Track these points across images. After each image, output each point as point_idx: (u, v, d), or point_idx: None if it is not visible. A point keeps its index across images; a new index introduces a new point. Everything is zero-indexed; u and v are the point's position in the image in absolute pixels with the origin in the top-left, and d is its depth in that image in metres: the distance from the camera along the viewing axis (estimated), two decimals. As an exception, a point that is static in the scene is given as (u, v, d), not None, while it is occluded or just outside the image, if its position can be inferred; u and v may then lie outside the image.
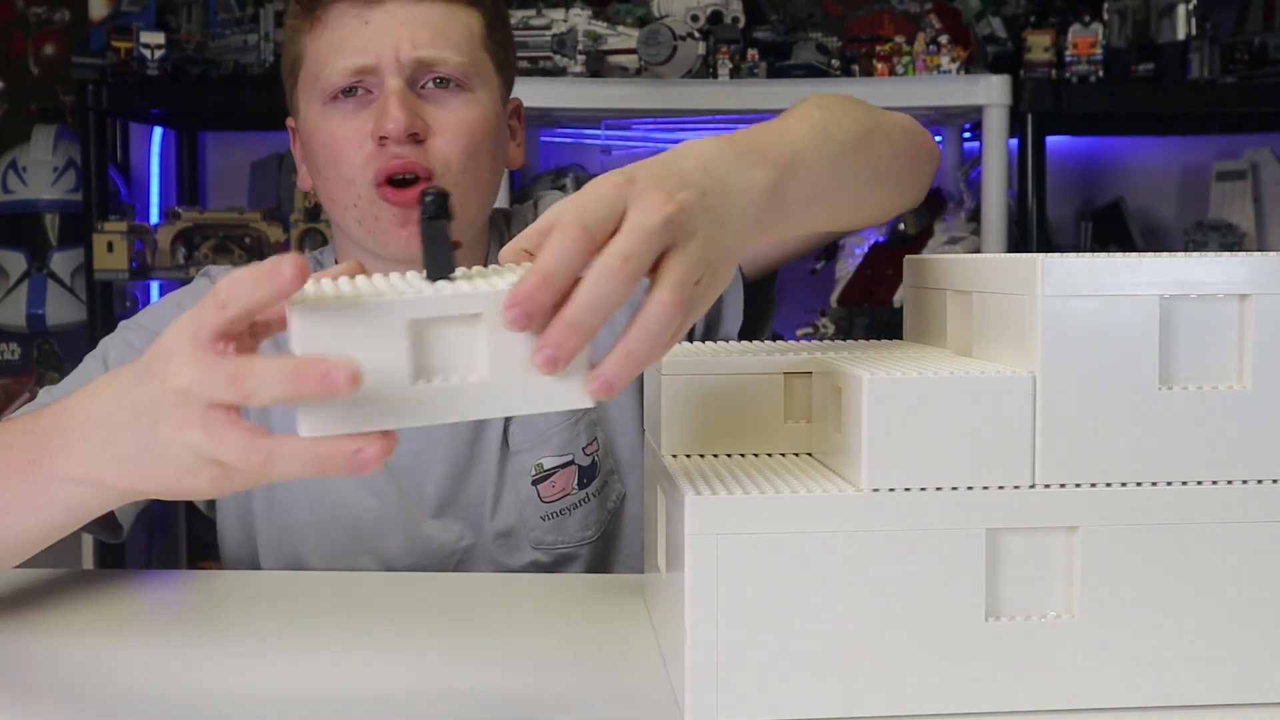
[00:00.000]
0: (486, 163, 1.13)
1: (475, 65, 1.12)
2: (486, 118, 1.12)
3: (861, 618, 0.70)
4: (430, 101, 1.10)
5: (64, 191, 2.75)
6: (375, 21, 1.09)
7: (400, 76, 1.08)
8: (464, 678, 0.81)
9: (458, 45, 1.10)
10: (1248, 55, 2.40)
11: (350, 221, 1.12)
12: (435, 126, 1.09)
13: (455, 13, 1.11)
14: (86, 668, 0.83)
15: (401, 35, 1.08)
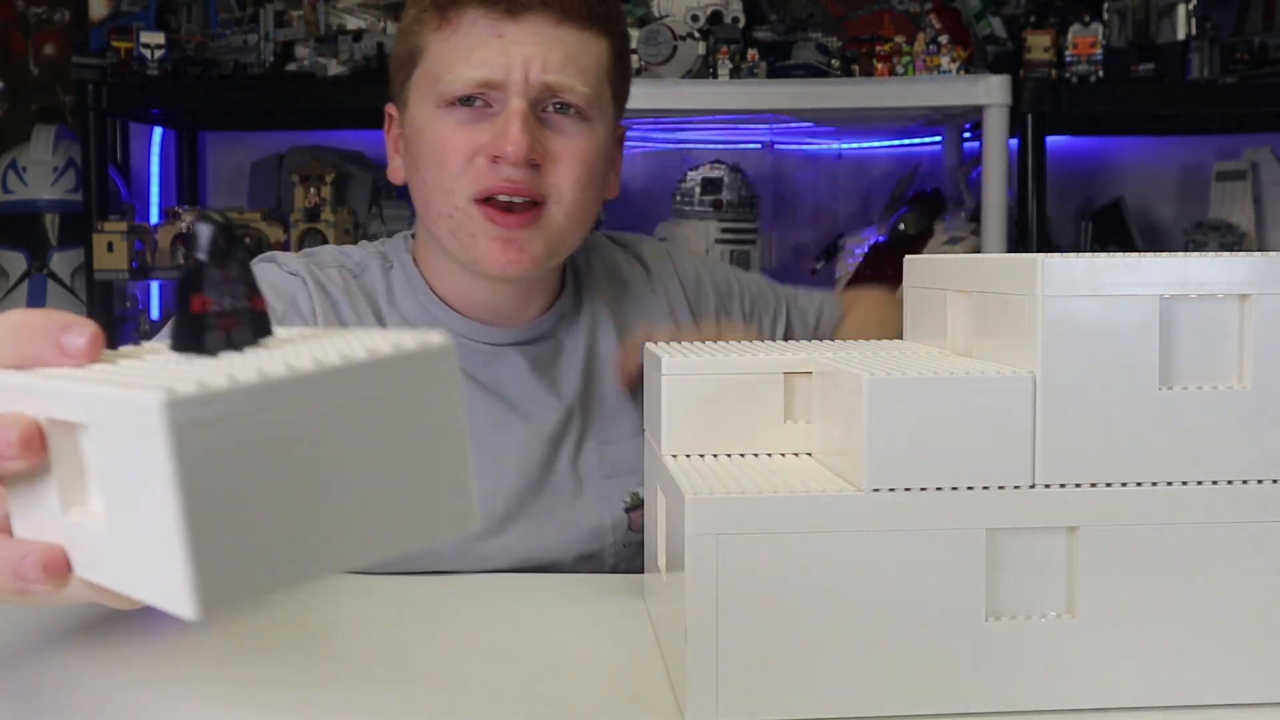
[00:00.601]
0: (595, 192, 1.12)
1: (598, 96, 1.10)
2: (600, 149, 1.11)
3: (862, 618, 0.70)
4: (550, 127, 1.08)
5: (64, 191, 2.75)
6: (509, 36, 1.06)
7: (525, 97, 1.06)
8: (464, 678, 0.81)
9: (586, 74, 1.08)
10: (1248, 55, 2.40)
11: (443, 230, 1.10)
12: (552, 153, 1.07)
13: (588, 40, 1.09)
14: (86, 667, 0.83)
15: (533, 55, 1.06)
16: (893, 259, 2.41)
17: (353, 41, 2.49)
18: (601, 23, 1.09)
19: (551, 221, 1.08)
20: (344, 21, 2.56)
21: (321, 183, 2.54)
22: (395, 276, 1.17)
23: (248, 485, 0.39)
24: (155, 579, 0.40)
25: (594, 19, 1.08)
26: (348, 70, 2.48)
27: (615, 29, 1.12)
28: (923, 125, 2.60)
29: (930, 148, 2.71)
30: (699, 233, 2.43)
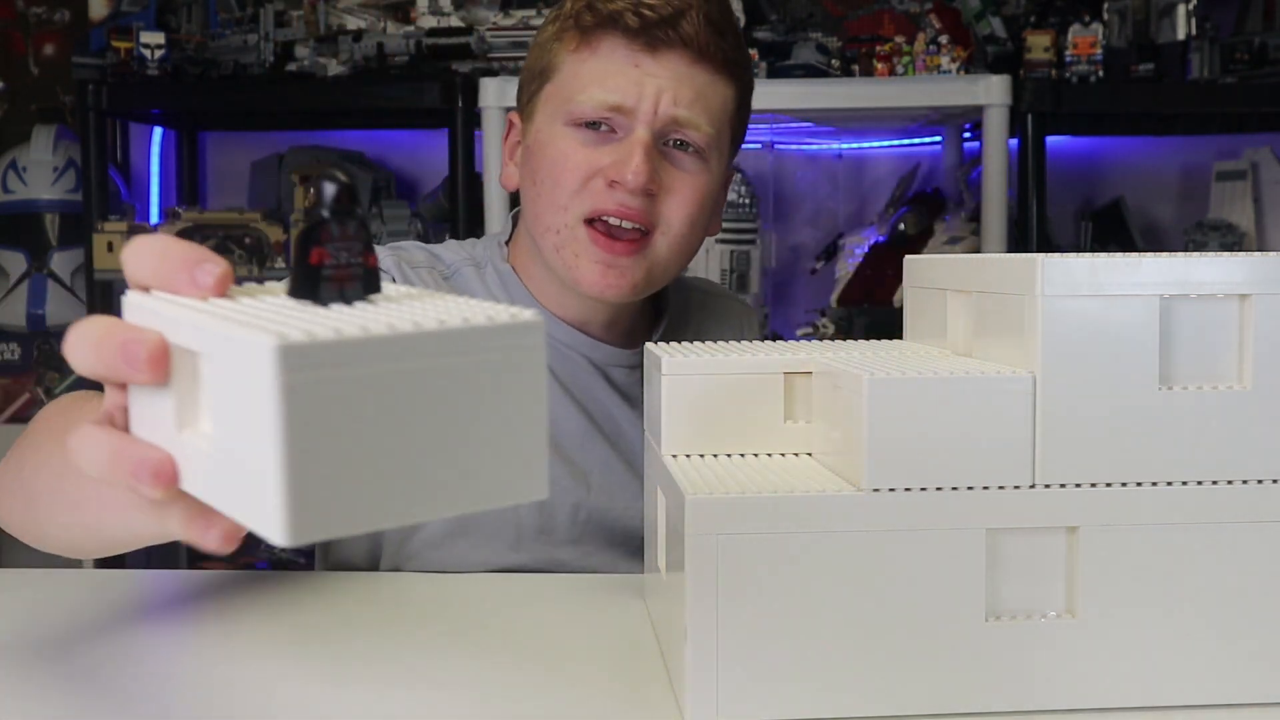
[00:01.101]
0: (701, 229, 1.15)
1: (718, 137, 1.12)
2: (713, 189, 1.14)
3: (861, 618, 0.70)
4: (669, 160, 1.10)
5: (64, 191, 2.75)
6: (644, 67, 1.08)
7: (650, 128, 1.08)
8: (464, 677, 0.81)
9: (712, 114, 1.11)
10: (1248, 55, 2.40)
11: (548, 245, 1.11)
12: (668, 186, 1.10)
13: (718, 82, 1.11)
14: (86, 668, 0.83)
15: (665, 89, 1.08)
16: (893, 259, 2.41)
17: (353, 41, 2.49)
18: (733, 68, 1.12)
19: (656, 251, 1.11)
20: (344, 21, 2.56)
21: (321, 182, 2.54)
22: (490, 281, 1.19)
23: (342, 429, 0.43)
24: (253, 504, 0.44)
25: (726, 63, 1.11)
26: (348, 70, 2.48)
27: (744, 76, 1.16)
28: (923, 125, 2.59)
29: (930, 148, 2.71)
30: (699, 233, 2.43)
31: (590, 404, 1.18)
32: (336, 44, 2.50)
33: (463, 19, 2.51)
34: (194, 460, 0.48)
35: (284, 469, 0.42)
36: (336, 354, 0.42)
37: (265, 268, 2.50)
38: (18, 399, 2.88)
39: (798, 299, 2.67)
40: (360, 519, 0.44)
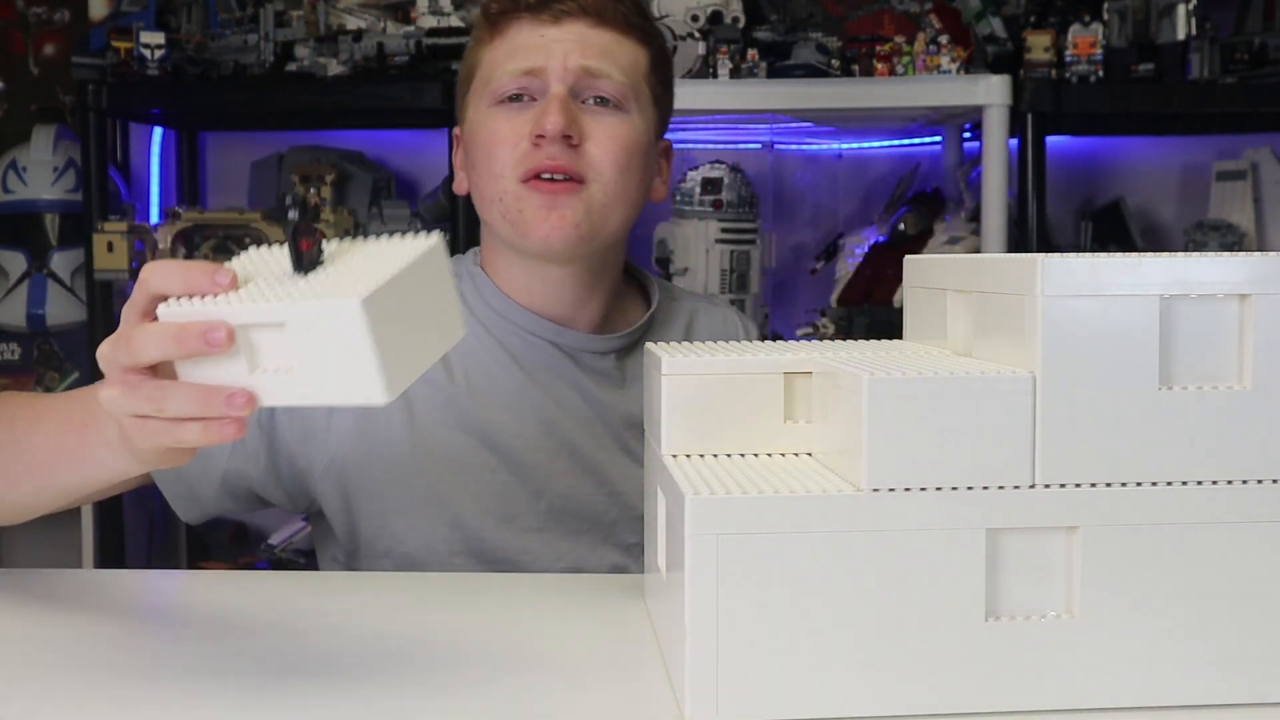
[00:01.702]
0: (635, 179, 1.18)
1: (635, 90, 1.18)
2: (640, 140, 1.18)
3: (862, 618, 0.70)
4: (589, 114, 1.16)
5: (64, 191, 2.75)
6: (550, 35, 1.16)
7: (564, 83, 1.15)
8: (464, 677, 0.81)
9: (623, 68, 1.17)
10: (1248, 55, 2.40)
11: (495, 215, 1.17)
12: (590, 134, 1.15)
13: (625, 42, 1.19)
14: (86, 667, 0.83)
15: (572, 49, 1.16)
16: (893, 259, 2.41)
17: (353, 41, 2.49)
18: (638, 31, 1.20)
19: (591, 197, 1.15)
20: (344, 21, 2.56)
21: (321, 183, 2.54)
22: (465, 287, 1.23)
23: (390, 325, 0.71)
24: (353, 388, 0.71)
25: (630, 26, 1.19)
26: (348, 70, 2.48)
27: (653, 41, 1.22)
28: (923, 125, 2.59)
29: (930, 148, 2.71)
30: (699, 233, 2.42)
31: (557, 390, 1.19)
32: (336, 44, 2.50)
33: (463, 19, 2.51)
34: (273, 384, 0.72)
35: (377, 359, 0.70)
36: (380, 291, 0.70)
37: (265, 268, 2.50)
38: (18, 399, 2.88)
39: (798, 299, 2.67)
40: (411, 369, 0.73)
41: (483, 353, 1.19)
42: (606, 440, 1.20)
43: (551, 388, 1.19)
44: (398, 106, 2.44)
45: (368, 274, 0.72)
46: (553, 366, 1.20)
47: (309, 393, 0.73)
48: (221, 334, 0.71)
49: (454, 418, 1.16)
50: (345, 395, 0.72)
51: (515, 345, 1.20)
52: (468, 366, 1.19)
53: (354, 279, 0.71)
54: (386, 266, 0.72)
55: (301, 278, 0.74)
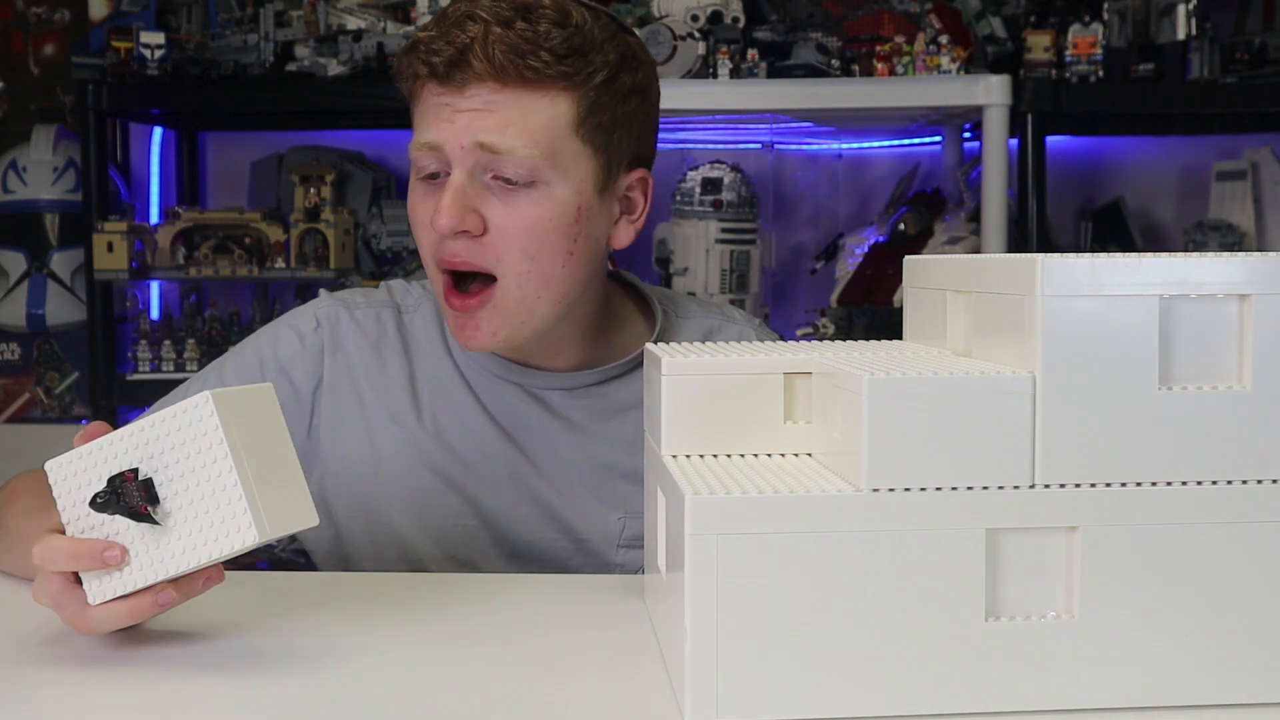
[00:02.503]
0: (556, 257, 1.07)
1: (554, 155, 1.06)
2: (557, 213, 1.06)
3: (861, 618, 0.70)
4: (495, 194, 1.06)
5: (64, 191, 2.75)
6: (453, 104, 1.06)
7: (463, 166, 1.06)
8: (464, 677, 0.81)
9: (534, 135, 1.05)
10: (1248, 55, 2.40)
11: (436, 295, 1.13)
12: (494, 223, 1.06)
13: (538, 100, 1.05)
14: (85, 667, 0.83)
15: (472, 122, 1.05)
16: (893, 259, 2.41)
17: (353, 41, 2.49)
18: (558, 81, 1.05)
19: (505, 296, 1.07)
20: (344, 21, 2.56)
21: (321, 183, 2.54)
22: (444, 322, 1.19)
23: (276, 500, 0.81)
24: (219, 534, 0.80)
25: (544, 80, 1.05)
26: (348, 70, 2.48)
27: (586, 83, 1.06)
28: (923, 125, 2.59)
29: (930, 148, 2.71)
30: (699, 233, 2.43)
31: (521, 436, 1.16)
32: (336, 44, 2.50)
33: (463, 19, 2.51)
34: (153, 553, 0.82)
35: None
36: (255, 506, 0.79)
37: (265, 267, 2.50)
38: (18, 399, 2.88)
39: (798, 299, 2.67)
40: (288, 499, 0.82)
41: (452, 393, 1.16)
42: (574, 485, 1.15)
43: (516, 433, 1.15)
44: (398, 106, 2.42)
45: (220, 493, 0.79)
46: (518, 410, 1.16)
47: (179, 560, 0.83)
48: (115, 552, 0.81)
49: (419, 460, 1.14)
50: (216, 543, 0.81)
51: (482, 388, 1.16)
52: (436, 407, 1.16)
53: (216, 506, 0.79)
54: (219, 470, 0.79)
55: (164, 519, 0.81)
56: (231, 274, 2.50)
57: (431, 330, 1.19)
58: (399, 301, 1.21)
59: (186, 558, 0.80)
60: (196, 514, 0.80)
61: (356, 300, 1.21)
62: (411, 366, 1.17)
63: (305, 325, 1.19)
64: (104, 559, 0.81)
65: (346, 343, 1.17)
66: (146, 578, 0.81)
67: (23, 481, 1.09)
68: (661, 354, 0.84)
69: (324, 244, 2.50)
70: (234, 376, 1.17)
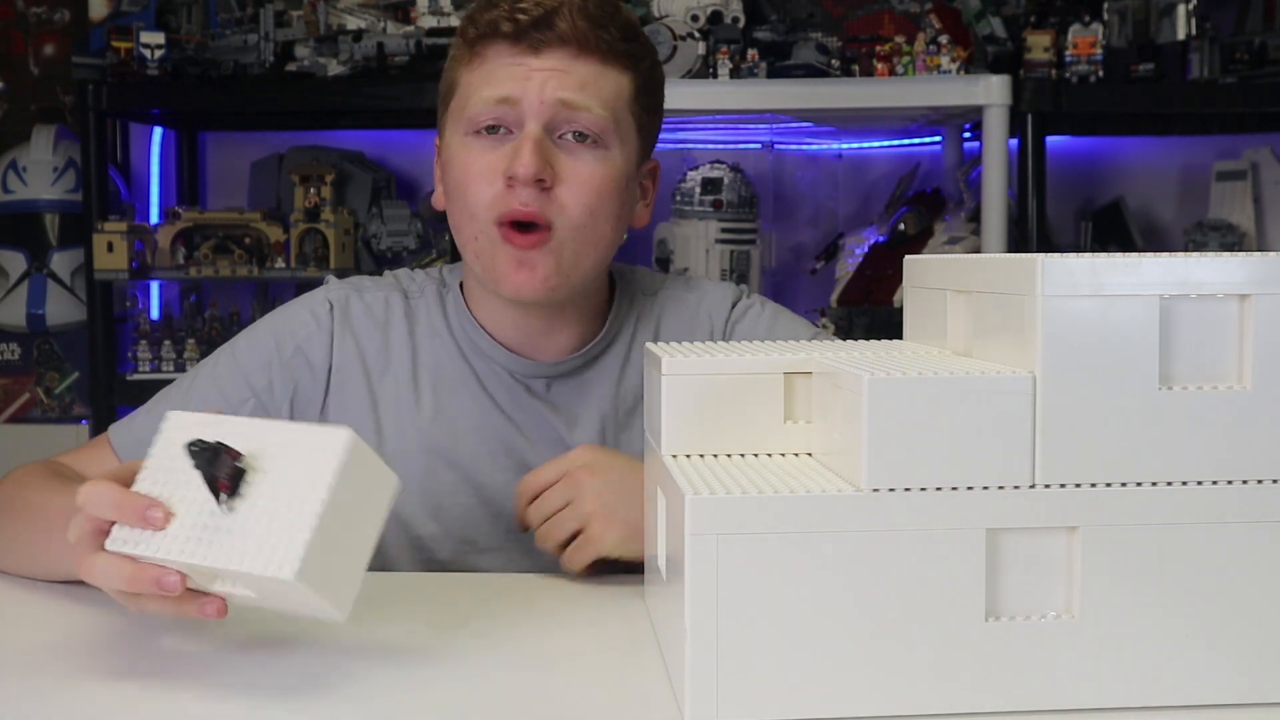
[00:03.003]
0: (609, 219, 1.14)
1: (616, 123, 1.13)
2: (616, 176, 1.14)
3: (861, 618, 0.70)
4: (564, 151, 1.12)
5: (64, 191, 2.75)
6: (529, 64, 1.11)
7: (540, 120, 1.10)
8: (464, 678, 0.81)
9: (604, 100, 1.12)
10: (1248, 55, 2.40)
11: (470, 254, 1.14)
12: (563, 176, 1.11)
13: (608, 71, 1.13)
14: (86, 666, 0.83)
15: (550, 80, 1.10)
16: (893, 259, 2.41)
17: (353, 41, 2.49)
18: (622, 58, 1.13)
19: (560, 244, 1.11)
20: (344, 21, 2.56)
21: (321, 183, 2.54)
22: (449, 301, 1.22)
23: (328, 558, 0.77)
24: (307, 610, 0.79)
25: (613, 54, 1.13)
26: (348, 70, 2.48)
27: (639, 65, 1.16)
28: (923, 125, 2.59)
29: (930, 148, 2.71)
30: (699, 233, 2.43)
31: (518, 415, 1.19)
32: (336, 44, 2.50)
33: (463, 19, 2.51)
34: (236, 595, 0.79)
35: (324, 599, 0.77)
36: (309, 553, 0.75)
37: (265, 267, 2.50)
38: (18, 399, 2.88)
39: (798, 299, 2.66)
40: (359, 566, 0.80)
41: (451, 372, 1.19)
42: None
43: (513, 412, 1.19)
44: (398, 106, 2.43)
45: (291, 517, 0.76)
46: (513, 391, 1.19)
47: (272, 606, 0.81)
48: (174, 580, 0.78)
49: (418, 440, 1.17)
50: (305, 613, 0.80)
51: (481, 368, 1.19)
52: (435, 385, 1.19)
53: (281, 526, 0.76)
54: (307, 500, 0.76)
55: (226, 508, 0.78)
56: (231, 274, 2.50)
57: (435, 316, 1.22)
58: (405, 287, 1.24)
59: (219, 554, 0.77)
60: (257, 525, 0.77)
61: (365, 284, 1.24)
62: (416, 348, 1.20)
63: (320, 307, 1.22)
64: (146, 516, 0.79)
65: (356, 325, 1.21)
66: (170, 551, 0.78)
67: (29, 473, 1.10)
68: (661, 354, 0.84)
69: (324, 244, 2.50)
70: (248, 356, 1.19)
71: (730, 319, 1.26)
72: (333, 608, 0.77)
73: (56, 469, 1.12)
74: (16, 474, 1.11)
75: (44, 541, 0.99)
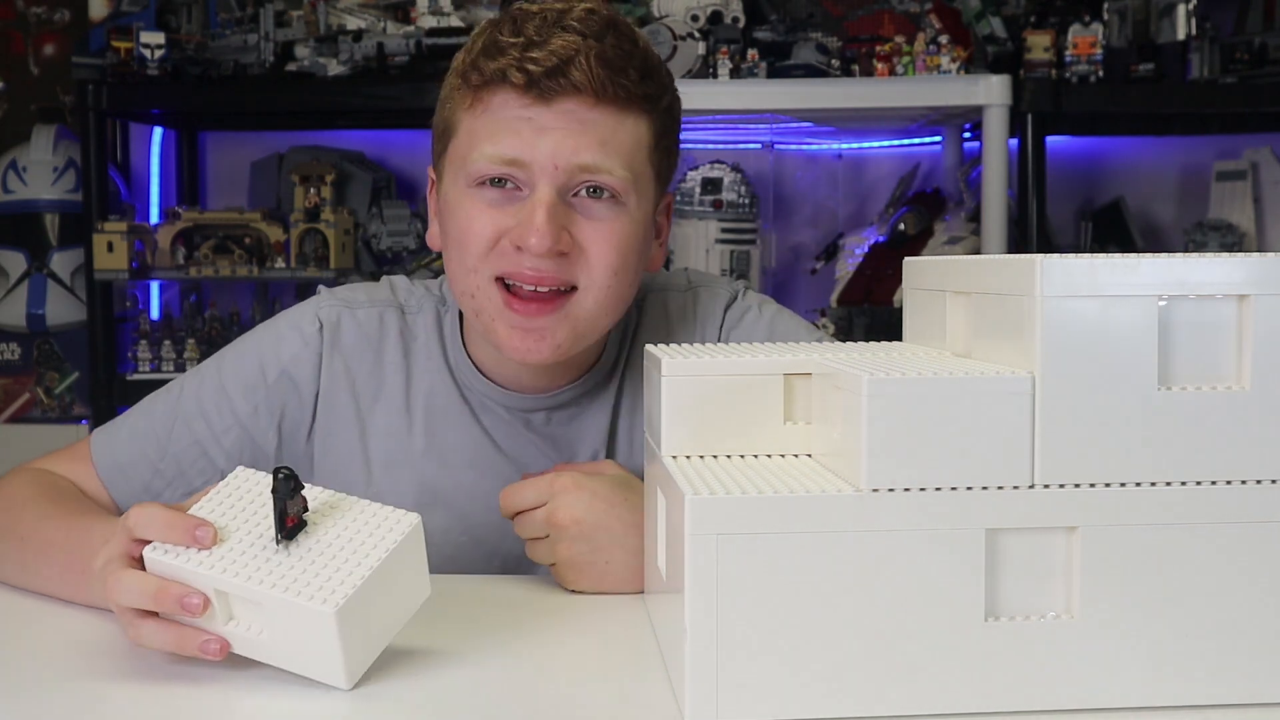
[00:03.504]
0: (630, 275, 1.06)
1: (636, 178, 1.04)
2: (636, 233, 1.05)
3: (861, 618, 0.70)
4: (580, 212, 1.03)
5: (64, 191, 2.75)
6: (540, 119, 1.01)
7: (553, 184, 1.01)
8: (464, 678, 0.81)
9: (623, 157, 1.02)
10: (1248, 55, 2.40)
11: (468, 308, 1.07)
12: (582, 241, 1.03)
13: (625, 121, 1.03)
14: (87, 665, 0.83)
15: (564, 140, 1.01)
16: (893, 259, 2.41)
17: (353, 41, 2.49)
18: (641, 102, 1.04)
19: (579, 308, 1.04)
20: (344, 21, 2.56)
21: (321, 183, 2.54)
22: (446, 325, 1.16)
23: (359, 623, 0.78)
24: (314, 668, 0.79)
25: (632, 99, 1.03)
26: (348, 70, 2.48)
27: (658, 105, 1.06)
28: (923, 125, 2.59)
29: (930, 148, 2.71)
30: (699, 233, 2.43)
31: (513, 448, 1.14)
32: (336, 44, 2.50)
33: (463, 19, 2.51)
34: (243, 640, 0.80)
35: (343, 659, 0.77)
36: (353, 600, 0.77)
37: (265, 267, 2.50)
38: (18, 399, 2.88)
39: (798, 299, 2.67)
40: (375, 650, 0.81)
41: (444, 401, 1.14)
42: None
43: (509, 448, 1.13)
44: (398, 106, 2.44)
45: (345, 568, 0.79)
46: (510, 425, 1.14)
47: (274, 658, 0.80)
48: (197, 601, 0.79)
49: (409, 475, 1.13)
50: (308, 671, 0.79)
51: (475, 400, 1.14)
52: (428, 414, 1.14)
53: (331, 572, 0.78)
54: (364, 558, 0.79)
55: (282, 547, 0.80)
56: (231, 274, 2.50)
57: (431, 338, 1.16)
58: (403, 301, 1.18)
59: (260, 580, 0.78)
60: (306, 568, 0.79)
61: (359, 299, 1.17)
62: (410, 372, 1.15)
63: (308, 325, 1.15)
64: (195, 534, 0.80)
65: (346, 346, 1.14)
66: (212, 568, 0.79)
67: (21, 486, 1.08)
68: (661, 355, 0.84)
69: (324, 244, 2.50)
70: (233, 380, 1.13)
71: (724, 325, 1.19)
72: (343, 669, 0.77)
73: (46, 482, 1.09)
74: (5, 489, 1.08)
75: (34, 565, 1.00)
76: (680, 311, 1.19)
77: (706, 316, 1.19)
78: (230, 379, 1.14)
